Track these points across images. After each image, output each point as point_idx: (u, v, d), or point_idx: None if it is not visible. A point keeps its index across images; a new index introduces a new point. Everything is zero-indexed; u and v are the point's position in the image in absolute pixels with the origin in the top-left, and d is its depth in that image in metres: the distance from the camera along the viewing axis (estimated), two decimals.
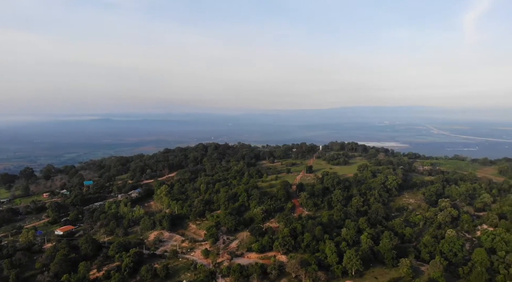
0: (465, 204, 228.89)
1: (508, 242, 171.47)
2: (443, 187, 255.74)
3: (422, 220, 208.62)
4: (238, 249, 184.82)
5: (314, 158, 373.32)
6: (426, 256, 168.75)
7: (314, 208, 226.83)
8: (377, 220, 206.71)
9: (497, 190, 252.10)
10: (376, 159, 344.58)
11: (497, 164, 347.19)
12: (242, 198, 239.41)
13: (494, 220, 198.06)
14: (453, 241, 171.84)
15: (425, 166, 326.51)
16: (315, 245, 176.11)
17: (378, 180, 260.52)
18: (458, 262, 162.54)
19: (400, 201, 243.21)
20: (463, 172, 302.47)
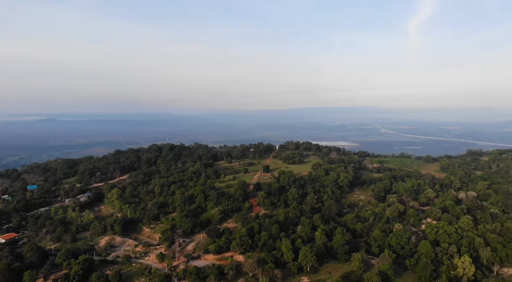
0: (411, 199, 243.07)
1: (450, 234, 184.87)
2: (391, 183, 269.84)
3: (372, 216, 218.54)
4: (195, 251, 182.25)
5: (271, 157, 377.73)
6: (376, 250, 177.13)
7: (271, 207, 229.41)
8: (330, 216, 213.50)
9: (439, 185, 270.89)
10: (329, 158, 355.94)
11: (439, 161, 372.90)
12: (199, 200, 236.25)
13: (437, 214, 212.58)
14: (400, 235, 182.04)
15: (374, 164, 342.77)
16: (272, 244, 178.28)
17: (331, 178, 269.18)
18: (405, 255, 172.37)
19: (352, 197, 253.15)
20: (409, 169, 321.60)
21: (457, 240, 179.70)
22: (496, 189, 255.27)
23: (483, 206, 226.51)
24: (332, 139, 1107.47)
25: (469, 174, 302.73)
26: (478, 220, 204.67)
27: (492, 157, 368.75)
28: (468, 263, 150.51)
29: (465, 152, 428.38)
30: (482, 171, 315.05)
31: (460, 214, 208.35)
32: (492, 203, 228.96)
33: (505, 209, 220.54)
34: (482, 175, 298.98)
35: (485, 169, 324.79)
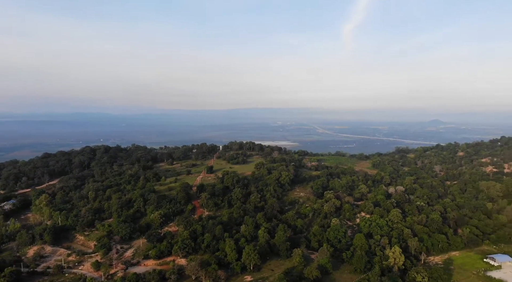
0: (346, 195, 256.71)
1: (382, 227, 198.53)
2: (328, 180, 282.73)
3: (311, 212, 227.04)
4: (134, 258, 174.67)
5: (215, 158, 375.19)
6: (315, 245, 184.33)
7: (214, 208, 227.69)
8: (272, 214, 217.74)
9: (371, 181, 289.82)
10: (271, 157, 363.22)
11: (371, 158, 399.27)
12: (138, 204, 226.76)
13: (370, 208, 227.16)
14: (337, 229, 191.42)
15: (313, 162, 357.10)
16: (216, 245, 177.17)
17: (273, 177, 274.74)
18: (342, 248, 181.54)
19: (293, 194, 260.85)
20: (344, 166, 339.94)
21: (388, 232, 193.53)
22: (421, 183, 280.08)
23: (410, 200, 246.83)
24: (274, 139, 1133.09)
25: (398, 170, 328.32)
26: (406, 213, 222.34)
27: (417, 154, 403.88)
28: (398, 253, 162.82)
29: (394, 150, 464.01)
30: (409, 167, 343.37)
31: (390, 207, 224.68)
32: (418, 197, 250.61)
33: (430, 201, 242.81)
34: (409, 171, 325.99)
35: (411, 165, 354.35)
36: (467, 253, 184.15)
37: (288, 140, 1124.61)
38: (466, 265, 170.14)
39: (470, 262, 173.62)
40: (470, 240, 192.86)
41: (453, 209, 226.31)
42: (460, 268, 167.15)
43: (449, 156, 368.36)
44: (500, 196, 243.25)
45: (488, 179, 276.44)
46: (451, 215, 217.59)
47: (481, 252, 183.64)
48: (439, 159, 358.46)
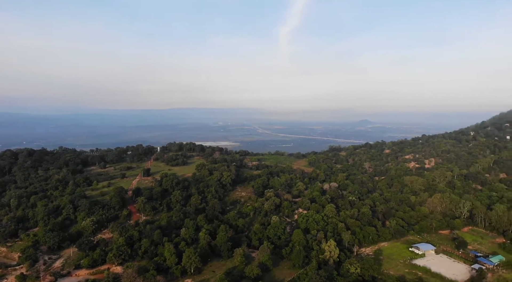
0: (285, 193, 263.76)
1: (318, 222, 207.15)
2: (268, 179, 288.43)
3: (252, 210, 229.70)
4: (64, 268, 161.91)
5: (152, 160, 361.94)
6: (256, 243, 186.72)
7: (152, 212, 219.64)
8: (214, 215, 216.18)
9: (308, 178, 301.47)
10: (213, 157, 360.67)
11: (307, 157, 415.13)
12: (67, 211, 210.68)
13: (307, 204, 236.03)
14: (277, 226, 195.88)
15: (254, 162, 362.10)
16: (154, 250, 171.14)
17: (214, 177, 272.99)
18: (282, 244, 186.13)
19: (234, 195, 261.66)
20: (283, 165, 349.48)
21: (324, 227, 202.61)
22: (352, 179, 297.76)
23: (343, 195, 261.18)
24: (215, 139, 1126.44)
25: (331, 167, 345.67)
26: (340, 207, 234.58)
27: (349, 152, 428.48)
28: (333, 246, 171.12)
29: (328, 149, 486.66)
30: (341, 165, 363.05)
31: (325, 203, 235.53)
32: (350, 192, 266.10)
33: (360, 196, 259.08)
34: (341, 168, 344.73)
35: (343, 162, 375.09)
36: (395, 243, 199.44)
37: (229, 141, 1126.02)
38: (394, 254, 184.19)
39: (398, 251, 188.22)
40: (397, 231, 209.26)
41: (381, 203, 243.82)
42: (388, 257, 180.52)
43: (377, 153, 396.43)
44: (422, 189, 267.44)
45: (411, 174, 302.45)
46: (379, 208, 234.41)
47: (407, 242, 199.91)
48: (368, 157, 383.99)
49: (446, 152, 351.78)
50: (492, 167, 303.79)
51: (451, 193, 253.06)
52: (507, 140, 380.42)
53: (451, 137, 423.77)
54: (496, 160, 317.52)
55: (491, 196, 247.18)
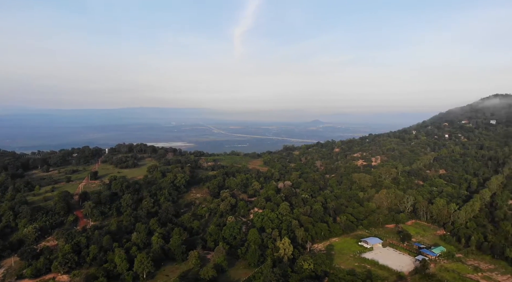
0: (241, 193, 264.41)
1: (273, 220, 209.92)
2: (224, 179, 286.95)
3: (207, 212, 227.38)
4: (5, 279, 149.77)
5: (100, 162, 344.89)
6: (211, 244, 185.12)
7: (101, 217, 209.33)
8: (167, 218, 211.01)
9: (263, 178, 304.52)
10: (166, 159, 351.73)
11: (262, 156, 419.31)
12: (7, 218, 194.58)
13: (262, 203, 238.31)
14: (232, 227, 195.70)
15: (209, 162, 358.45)
16: (104, 256, 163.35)
17: (167, 180, 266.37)
18: (238, 244, 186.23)
19: (189, 196, 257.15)
20: (238, 165, 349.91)
21: (279, 225, 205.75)
22: (305, 177, 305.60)
23: (296, 193, 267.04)
24: (168, 140, 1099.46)
25: (286, 166, 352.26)
26: (293, 205, 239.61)
27: (302, 151, 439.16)
28: (288, 244, 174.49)
29: (282, 148, 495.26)
30: (295, 163, 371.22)
31: (280, 201, 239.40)
32: (303, 190, 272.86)
33: (313, 194, 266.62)
34: (295, 166, 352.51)
35: (297, 161, 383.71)
36: (345, 238, 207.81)
37: (183, 141, 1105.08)
38: (345, 249, 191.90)
39: (348, 246, 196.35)
40: (347, 226, 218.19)
41: (332, 200, 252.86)
42: (339, 252, 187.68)
43: (328, 152, 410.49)
44: (369, 186, 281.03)
45: (359, 171, 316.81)
46: (330, 205, 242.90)
47: (356, 237, 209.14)
48: (319, 155, 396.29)
49: (391, 150, 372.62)
50: (432, 164, 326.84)
51: (396, 188, 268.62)
52: (446, 139, 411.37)
53: (395, 136, 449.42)
54: (436, 157, 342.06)
55: (432, 191, 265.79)
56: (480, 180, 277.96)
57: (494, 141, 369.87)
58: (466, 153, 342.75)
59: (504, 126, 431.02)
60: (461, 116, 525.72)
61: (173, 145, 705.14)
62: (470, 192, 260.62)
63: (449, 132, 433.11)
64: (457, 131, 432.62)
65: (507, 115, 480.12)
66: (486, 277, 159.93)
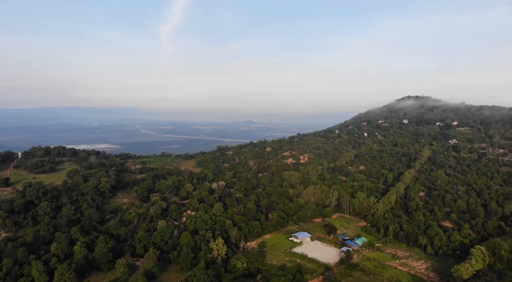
0: (173, 195, 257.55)
1: (207, 221, 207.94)
2: (154, 182, 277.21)
3: (136, 217, 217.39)
4: None
5: (12, 168, 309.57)
6: (141, 251, 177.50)
7: (15, 227, 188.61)
8: (91, 226, 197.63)
9: (196, 179, 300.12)
10: (88, 162, 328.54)
11: (195, 157, 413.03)
12: None
13: (195, 205, 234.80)
14: (163, 231, 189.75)
15: (137, 165, 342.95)
16: (19, 270, 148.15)
17: (90, 184, 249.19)
18: (169, 249, 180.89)
19: (115, 202, 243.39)
20: (170, 167, 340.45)
21: (212, 226, 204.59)
22: (239, 177, 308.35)
23: (230, 193, 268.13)
24: (91, 142, 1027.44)
25: (219, 166, 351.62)
26: (227, 205, 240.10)
27: (235, 151, 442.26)
28: (221, 244, 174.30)
29: (215, 148, 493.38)
30: (229, 163, 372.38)
31: (213, 202, 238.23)
32: (236, 189, 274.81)
33: (246, 193, 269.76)
34: (228, 166, 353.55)
35: (230, 161, 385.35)
36: (277, 235, 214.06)
37: (107, 143, 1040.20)
38: (276, 245, 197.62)
39: (279, 242, 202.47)
40: (278, 223, 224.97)
41: (264, 197, 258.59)
42: (271, 248, 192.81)
43: (260, 151, 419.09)
44: (298, 182, 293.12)
45: (289, 169, 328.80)
46: (263, 202, 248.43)
47: (287, 232, 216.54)
48: (252, 155, 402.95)
49: (317, 149, 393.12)
50: (353, 160, 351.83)
51: (322, 184, 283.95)
52: (365, 137, 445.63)
53: (321, 135, 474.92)
54: (356, 154, 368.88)
55: (354, 185, 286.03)
56: (395, 174, 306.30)
57: (407, 138, 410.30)
58: (382, 150, 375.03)
59: (415, 125, 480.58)
60: (378, 116, 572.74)
61: (97, 147, 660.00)
62: (387, 185, 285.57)
63: (368, 131, 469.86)
64: (375, 130, 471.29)
65: (417, 115, 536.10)
66: (403, 264, 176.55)
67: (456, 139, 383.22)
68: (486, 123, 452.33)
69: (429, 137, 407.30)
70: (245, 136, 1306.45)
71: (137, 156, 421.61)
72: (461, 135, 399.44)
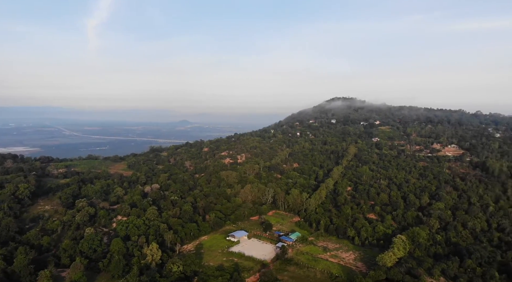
0: (101, 201, 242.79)
1: (139, 227, 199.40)
2: (80, 187, 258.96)
3: (60, 225, 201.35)
4: None
5: None
6: (66, 261, 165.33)
7: None
8: (8, 236, 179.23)
9: (127, 182, 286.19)
10: (3, 167, 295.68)
11: (126, 159, 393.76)
12: None
13: (127, 210, 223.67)
14: (92, 238, 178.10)
15: (60, 169, 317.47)
16: None
17: (7, 191, 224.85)
18: (98, 257, 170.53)
19: (35, 210, 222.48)
20: (98, 170, 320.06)
21: (146, 231, 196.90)
22: (174, 179, 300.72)
23: (165, 196, 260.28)
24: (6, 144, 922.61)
25: (153, 168, 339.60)
26: (162, 209, 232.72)
27: (170, 152, 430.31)
28: (156, 249, 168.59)
29: (148, 150, 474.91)
30: (163, 165, 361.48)
31: (147, 206, 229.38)
32: (172, 192, 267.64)
33: (182, 195, 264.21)
34: (163, 168, 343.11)
35: (165, 163, 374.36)
36: (214, 235, 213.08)
37: (25, 145, 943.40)
38: (214, 246, 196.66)
39: (217, 242, 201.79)
40: (216, 223, 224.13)
41: (201, 199, 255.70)
42: (209, 249, 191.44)
43: (197, 152, 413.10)
44: (236, 182, 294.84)
45: (227, 169, 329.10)
46: (200, 204, 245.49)
47: (225, 232, 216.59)
48: (188, 156, 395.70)
49: (253, 148, 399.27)
50: (288, 159, 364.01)
51: (258, 183, 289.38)
52: (298, 136, 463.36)
53: (257, 135, 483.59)
54: (290, 152, 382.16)
55: (288, 182, 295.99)
56: (325, 171, 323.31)
57: (335, 137, 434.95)
58: (313, 148, 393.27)
59: (342, 124, 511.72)
60: (309, 116, 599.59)
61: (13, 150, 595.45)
62: (318, 181, 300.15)
63: (300, 131, 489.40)
64: (306, 130, 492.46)
65: (344, 115, 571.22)
66: (333, 256, 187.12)
67: (378, 137, 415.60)
68: (404, 122, 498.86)
69: (354, 135, 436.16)
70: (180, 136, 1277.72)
71: (60, 160, 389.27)
72: (382, 134, 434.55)
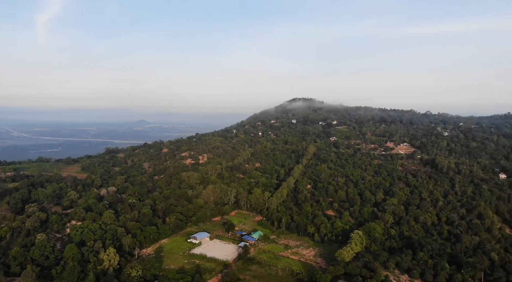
0: (54, 205, 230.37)
1: (95, 231, 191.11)
2: (29, 191, 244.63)
3: (9, 232, 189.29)
4: None
5: None
6: (17, 269, 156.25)
7: None
8: None
9: (82, 186, 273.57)
10: None
11: (80, 161, 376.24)
12: None
13: (81, 215, 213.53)
14: (43, 245, 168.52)
15: (8, 172, 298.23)
16: None
17: None
18: (51, 264, 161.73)
19: None
20: (49, 173, 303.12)
21: (102, 235, 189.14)
22: (132, 181, 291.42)
23: (123, 199, 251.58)
24: None
25: (109, 171, 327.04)
26: (119, 212, 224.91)
27: (127, 153, 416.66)
28: (113, 254, 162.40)
29: (104, 151, 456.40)
30: (120, 167, 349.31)
31: (103, 210, 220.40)
32: (130, 194, 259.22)
33: (141, 197, 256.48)
34: (120, 170, 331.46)
35: (122, 164, 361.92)
36: (175, 238, 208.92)
37: None
38: (174, 249, 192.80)
39: (177, 245, 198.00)
40: (177, 226, 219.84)
41: (161, 201, 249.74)
42: (169, 252, 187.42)
43: (156, 153, 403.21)
44: (197, 183, 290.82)
45: (188, 170, 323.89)
46: (160, 206, 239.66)
47: (186, 234, 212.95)
48: (147, 157, 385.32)
49: (216, 148, 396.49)
50: (250, 158, 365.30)
51: (221, 183, 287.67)
52: (260, 136, 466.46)
53: (219, 135, 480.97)
54: (252, 152, 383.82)
55: (250, 182, 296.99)
56: (287, 170, 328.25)
57: (295, 137, 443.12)
58: (275, 148, 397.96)
59: (302, 124, 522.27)
60: (271, 116, 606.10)
61: None
62: (279, 180, 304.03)
63: (262, 131, 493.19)
64: (268, 129, 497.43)
65: (304, 115, 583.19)
66: (294, 253, 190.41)
67: (336, 137, 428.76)
68: (360, 122, 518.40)
69: (313, 135, 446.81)
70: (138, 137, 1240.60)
71: (8, 162, 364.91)
72: (340, 133, 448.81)
